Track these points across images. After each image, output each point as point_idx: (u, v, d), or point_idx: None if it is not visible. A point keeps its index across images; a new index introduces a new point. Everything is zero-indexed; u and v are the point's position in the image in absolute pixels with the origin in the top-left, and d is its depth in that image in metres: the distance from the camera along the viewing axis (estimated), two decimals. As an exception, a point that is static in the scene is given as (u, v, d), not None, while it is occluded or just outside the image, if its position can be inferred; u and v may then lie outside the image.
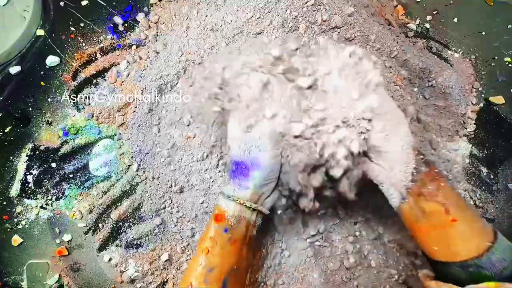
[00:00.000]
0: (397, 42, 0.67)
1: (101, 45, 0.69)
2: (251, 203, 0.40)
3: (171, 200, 0.65)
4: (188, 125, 0.64)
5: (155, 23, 0.71)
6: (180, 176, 0.64)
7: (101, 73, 0.68)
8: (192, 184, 0.64)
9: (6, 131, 0.66)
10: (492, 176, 0.65)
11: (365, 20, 0.65)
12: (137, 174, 0.65)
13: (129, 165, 0.66)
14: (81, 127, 0.66)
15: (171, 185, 0.64)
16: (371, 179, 0.45)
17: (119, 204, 0.65)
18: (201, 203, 0.63)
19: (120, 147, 0.66)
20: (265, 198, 0.43)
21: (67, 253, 0.63)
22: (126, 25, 0.71)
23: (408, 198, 0.39)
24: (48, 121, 0.67)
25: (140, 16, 0.71)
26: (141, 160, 0.65)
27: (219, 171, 0.63)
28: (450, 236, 0.36)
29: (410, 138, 0.41)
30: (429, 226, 0.38)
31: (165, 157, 0.64)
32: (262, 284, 0.61)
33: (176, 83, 0.66)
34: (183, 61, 0.65)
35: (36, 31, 0.69)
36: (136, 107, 0.66)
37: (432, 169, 0.40)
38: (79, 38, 0.69)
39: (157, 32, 0.70)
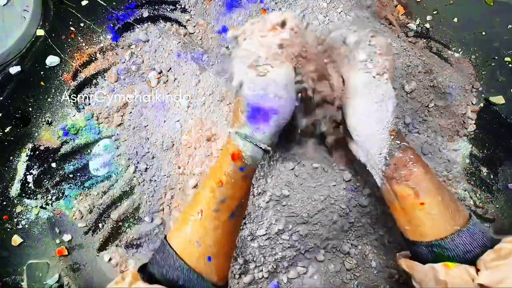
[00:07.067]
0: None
1: (101, 45, 0.69)
2: (266, 145, 0.41)
3: (170, 202, 0.64)
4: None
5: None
6: (178, 178, 0.64)
7: (101, 73, 0.68)
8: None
9: (6, 131, 0.66)
10: (492, 176, 0.65)
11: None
12: (134, 176, 0.65)
13: (127, 167, 0.65)
14: (81, 127, 0.66)
15: (168, 191, 0.64)
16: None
17: (119, 204, 0.65)
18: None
19: (117, 148, 0.66)
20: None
21: (67, 253, 0.63)
22: (126, 25, 0.71)
23: (384, 180, 0.41)
24: (48, 121, 0.67)
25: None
26: (138, 162, 0.65)
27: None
28: (419, 218, 0.38)
29: (389, 119, 0.41)
30: (402, 208, 0.40)
31: (161, 159, 0.64)
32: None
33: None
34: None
35: (36, 31, 0.69)
36: (132, 108, 0.66)
37: (406, 154, 0.40)
38: (79, 38, 0.69)
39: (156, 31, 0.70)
